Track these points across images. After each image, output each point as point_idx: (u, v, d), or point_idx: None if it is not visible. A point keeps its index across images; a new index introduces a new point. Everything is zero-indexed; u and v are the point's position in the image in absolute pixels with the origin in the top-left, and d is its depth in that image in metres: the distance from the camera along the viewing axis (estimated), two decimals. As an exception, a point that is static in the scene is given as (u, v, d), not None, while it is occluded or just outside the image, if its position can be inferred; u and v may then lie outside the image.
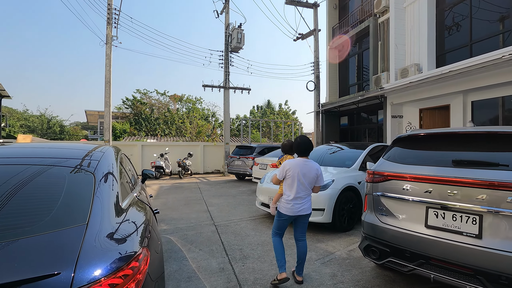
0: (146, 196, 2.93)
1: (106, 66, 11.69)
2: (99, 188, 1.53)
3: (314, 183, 2.99)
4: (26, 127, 37.06)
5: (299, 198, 2.91)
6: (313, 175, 2.95)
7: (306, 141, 3.09)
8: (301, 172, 2.89)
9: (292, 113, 30.36)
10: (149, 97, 28.22)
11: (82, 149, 2.17)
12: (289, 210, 2.92)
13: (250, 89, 14.43)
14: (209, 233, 4.56)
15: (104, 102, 11.73)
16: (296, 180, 2.89)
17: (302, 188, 2.90)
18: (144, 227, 1.58)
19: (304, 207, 2.94)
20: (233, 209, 6.34)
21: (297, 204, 2.91)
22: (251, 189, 9.27)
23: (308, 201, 2.99)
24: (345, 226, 4.65)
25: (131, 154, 13.05)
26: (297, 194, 2.89)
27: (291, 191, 2.91)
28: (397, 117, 10.99)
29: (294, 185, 2.89)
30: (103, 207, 1.41)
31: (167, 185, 10.35)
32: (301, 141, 3.08)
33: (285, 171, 2.96)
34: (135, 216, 1.65)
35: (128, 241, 1.31)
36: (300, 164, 2.93)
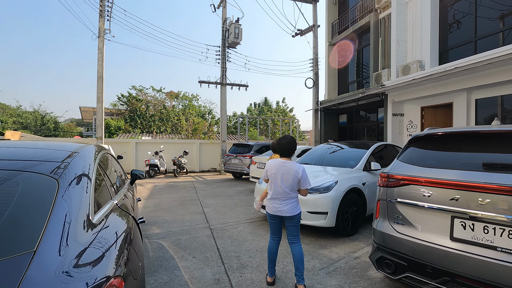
0: (132, 201, 2.61)
1: (98, 61, 11.27)
2: (61, 199, 1.22)
3: (295, 185, 2.78)
4: (19, 123, 36.37)
5: (277, 199, 2.81)
6: (291, 177, 2.75)
7: (285, 143, 2.89)
8: (279, 173, 2.79)
9: (290, 111, 30.05)
10: (144, 94, 27.74)
11: (54, 149, 1.85)
12: (269, 208, 2.88)
13: (248, 85, 14.10)
14: (204, 238, 4.26)
15: (97, 98, 11.32)
16: (273, 181, 2.82)
17: (280, 190, 2.78)
18: (119, 248, 1.27)
19: (283, 209, 2.78)
20: (230, 210, 6.03)
21: (275, 204, 2.82)
22: (248, 188, 8.98)
23: (289, 204, 2.77)
24: (349, 231, 4.38)
25: (124, 152, 12.67)
26: (274, 194, 2.82)
27: (270, 191, 2.88)
28: (398, 115, 10.75)
29: (272, 186, 2.85)
30: (64, 226, 1.10)
31: (161, 184, 10.01)
32: (279, 143, 2.93)
33: (266, 171, 2.94)
34: (109, 233, 1.33)
35: (93, 271, 1.00)
36: (278, 165, 2.81)
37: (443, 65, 8.11)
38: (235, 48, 13.87)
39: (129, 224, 1.70)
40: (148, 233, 4.49)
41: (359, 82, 14.24)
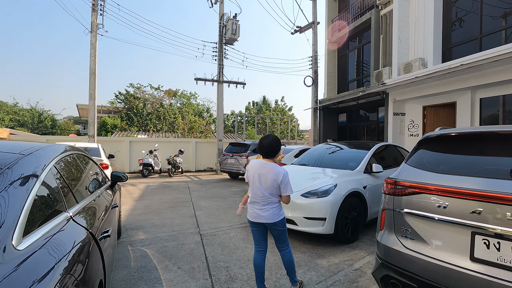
0: (104, 210, 2.29)
1: (91, 56, 10.92)
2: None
3: (275, 190, 2.49)
4: (15, 121, 35.98)
5: (256, 203, 2.56)
6: (270, 181, 2.47)
7: (266, 143, 2.58)
8: (257, 174, 2.53)
9: (289, 110, 29.74)
10: (142, 92, 27.37)
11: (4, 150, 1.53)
12: (249, 213, 2.63)
13: (245, 83, 13.77)
14: (193, 245, 3.94)
15: (89, 94, 10.98)
16: (252, 183, 2.57)
17: (258, 193, 2.53)
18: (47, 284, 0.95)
19: (263, 215, 2.51)
20: (223, 213, 5.72)
21: (255, 209, 2.56)
22: (244, 189, 8.66)
23: (270, 209, 2.51)
24: (348, 238, 4.07)
25: (118, 151, 12.33)
26: (253, 198, 2.58)
27: (250, 194, 2.63)
28: (399, 114, 10.45)
29: (251, 188, 2.59)
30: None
31: (154, 184, 9.69)
32: (260, 142, 2.62)
33: (247, 171, 2.69)
34: (35, 267, 1.00)
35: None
36: (258, 166, 2.56)
37: (447, 62, 7.80)
38: (232, 44, 13.53)
39: (81, 244, 1.38)
40: (133, 239, 4.18)
41: (359, 81, 13.93)
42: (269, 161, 2.54)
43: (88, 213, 1.81)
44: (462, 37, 8.70)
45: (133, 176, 11.59)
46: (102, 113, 43.71)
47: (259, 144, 2.59)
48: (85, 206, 1.86)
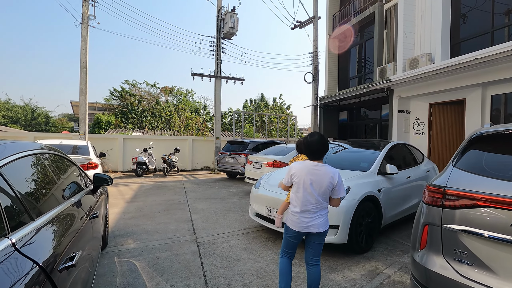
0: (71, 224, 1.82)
1: (81, 49, 10.37)
2: None
3: (328, 194, 2.23)
4: (8, 117, 35.15)
5: (307, 211, 2.22)
6: (325, 184, 2.19)
7: (317, 141, 2.24)
8: (309, 179, 2.19)
9: (287, 108, 29.31)
10: (138, 89, 26.76)
11: None
12: (295, 224, 2.25)
13: (244, 79, 13.30)
14: (188, 256, 3.49)
15: (79, 90, 10.44)
16: (302, 189, 2.21)
17: (310, 200, 2.20)
18: None
19: (314, 223, 2.22)
20: (222, 217, 5.28)
21: (305, 218, 2.23)
22: (243, 190, 8.22)
23: (321, 217, 2.25)
24: (363, 247, 3.65)
25: (111, 149, 11.81)
26: (303, 206, 2.22)
27: (297, 202, 2.25)
28: (404, 112, 10.07)
29: (300, 195, 2.23)
30: None
31: (148, 184, 9.20)
32: (307, 141, 2.26)
33: (290, 176, 2.31)
34: None
35: None
36: (308, 169, 2.21)
37: (457, 57, 7.41)
38: (230, 39, 13.04)
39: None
40: (121, 248, 3.72)
41: (361, 78, 13.54)
42: (319, 163, 2.22)
43: (45, 235, 1.35)
44: (472, 31, 8.31)
45: (126, 176, 11.09)
46: (97, 110, 43.00)
47: (306, 144, 2.25)
48: (44, 224, 1.40)
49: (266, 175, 4.73)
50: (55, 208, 1.64)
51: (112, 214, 5.38)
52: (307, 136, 2.29)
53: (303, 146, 2.31)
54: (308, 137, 2.28)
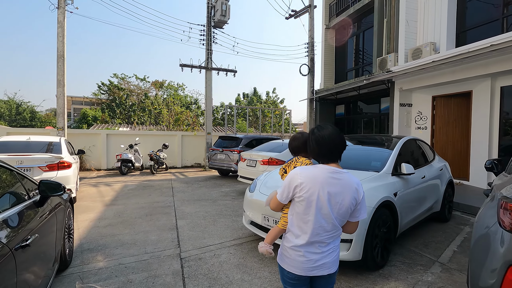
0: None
1: (58, 37, 9.48)
2: None
3: (348, 215, 1.49)
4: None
5: (318, 243, 1.46)
6: (348, 201, 1.45)
7: (332, 135, 1.49)
8: (326, 193, 1.42)
9: (280, 102, 28.67)
10: (127, 83, 25.68)
11: None
12: (298, 264, 1.47)
13: (236, 71, 12.57)
14: (169, 278, 2.86)
15: (57, 81, 9.57)
16: (315, 208, 1.43)
17: (325, 225, 1.45)
18: None
19: (326, 261, 1.48)
20: (212, 224, 4.64)
21: (313, 254, 1.46)
22: (236, 189, 7.60)
23: (335, 250, 1.52)
24: (378, 262, 3.08)
25: (93, 145, 11.01)
26: (314, 235, 1.45)
27: (304, 229, 1.47)
28: (406, 105, 9.55)
29: (310, 217, 1.45)
30: None
31: (133, 183, 8.48)
32: (321, 135, 1.50)
33: (292, 188, 1.48)
34: None
35: None
36: (325, 178, 1.44)
37: (467, 45, 6.87)
38: (222, 28, 12.27)
39: None
40: (87, 268, 3.05)
41: (358, 70, 12.98)
42: (337, 167, 1.48)
43: None
44: (480, 18, 7.78)
45: (110, 174, 10.33)
46: (84, 105, 41.58)
47: (316, 140, 1.50)
48: None
49: (262, 176, 4.10)
50: None
51: (85, 221, 4.69)
52: (315, 130, 1.55)
53: (311, 143, 1.53)
54: (316, 130, 1.54)
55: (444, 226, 4.71)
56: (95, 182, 8.64)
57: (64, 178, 5.30)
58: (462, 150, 8.43)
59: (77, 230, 4.25)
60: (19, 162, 4.99)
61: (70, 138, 9.64)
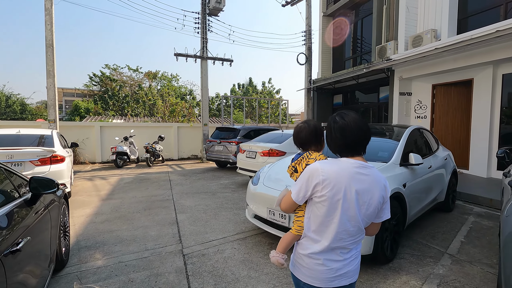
0: None
1: (46, 25, 9.06)
2: None
3: (375, 215, 1.32)
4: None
5: (340, 249, 1.29)
6: (376, 199, 1.28)
7: (357, 123, 1.30)
8: (354, 191, 1.25)
9: (276, 92, 28.39)
10: (120, 73, 25.07)
11: None
12: (315, 274, 1.29)
13: (232, 60, 12.28)
14: (172, 276, 2.73)
15: (46, 71, 9.20)
16: (340, 209, 1.24)
17: (349, 228, 1.27)
18: None
19: (348, 270, 1.30)
20: (213, 217, 4.52)
21: (334, 262, 1.28)
22: (235, 181, 7.47)
23: (357, 257, 1.35)
24: (388, 256, 2.99)
25: (87, 138, 10.73)
26: (336, 240, 1.27)
27: (324, 233, 1.28)
28: (406, 94, 9.43)
29: (334, 220, 1.26)
30: None
31: (129, 176, 8.29)
32: (344, 124, 1.30)
33: (312, 187, 1.27)
34: None
35: None
36: (351, 173, 1.26)
37: (469, 32, 6.72)
38: (217, 15, 11.89)
39: None
40: (85, 267, 2.90)
41: (356, 59, 12.79)
42: (363, 161, 1.30)
43: None
44: (481, 5, 7.61)
45: (105, 167, 10.10)
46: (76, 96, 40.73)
47: (340, 129, 1.29)
48: None
49: (266, 168, 3.96)
50: None
51: (81, 217, 4.53)
52: (337, 118, 1.33)
53: (334, 133, 1.31)
54: (339, 118, 1.32)
55: (448, 216, 4.66)
56: (90, 175, 8.42)
57: (58, 173, 5.09)
58: (462, 139, 8.39)
59: (73, 226, 4.09)
60: (9, 157, 4.76)
61: (62, 131, 9.34)
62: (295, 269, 1.38)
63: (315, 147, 1.62)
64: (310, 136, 1.61)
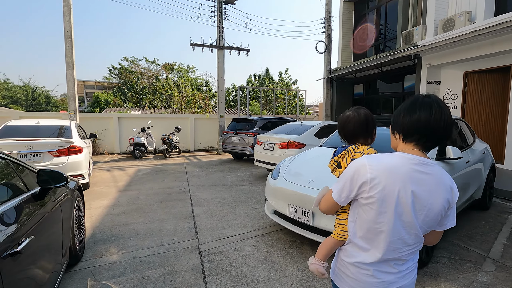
0: None
1: (64, 16, 9.10)
2: None
3: (437, 222, 1.07)
4: (8, 97, 34.44)
5: (394, 261, 1.07)
6: (440, 203, 1.02)
7: (439, 108, 1.01)
8: (410, 192, 1.00)
9: (293, 83, 27.78)
10: (137, 66, 25.33)
11: None
12: (363, 285, 1.09)
13: (249, 49, 11.96)
14: (188, 275, 2.58)
15: (66, 63, 9.28)
16: (393, 214, 1.00)
17: (405, 237, 1.03)
18: None
19: (403, 284, 1.08)
20: (230, 211, 4.35)
21: (386, 274, 1.07)
22: (252, 174, 7.29)
23: (413, 270, 1.13)
24: (423, 259, 2.71)
25: (106, 129, 10.85)
26: (389, 250, 1.04)
27: (373, 241, 1.06)
28: (434, 82, 8.82)
29: (385, 227, 1.02)
30: None
31: (146, 168, 8.30)
32: (413, 103, 1.06)
33: (358, 186, 1.05)
34: None
35: None
36: (408, 172, 1.01)
37: (510, 13, 6.08)
38: (233, 3, 11.56)
39: None
40: (100, 262, 2.81)
41: (378, 46, 12.13)
42: (424, 157, 1.04)
43: None
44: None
45: (124, 158, 10.21)
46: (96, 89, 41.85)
47: (410, 109, 1.05)
48: None
49: (286, 161, 3.72)
50: None
51: (98, 208, 4.49)
52: (415, 101, 1.06)
53: (402, 116, 1.07)
54: (411, 103, 1.06)
55: (485, 214, 4.26)
56: (108, 166, 8.51)
57: (75, 164, 5.09)
58: (496, 131, 7.76)
59: (90, 218, 4.05)
60: (28, 147, 4.79)
61: (82, 122, 9.48)
62: (338, 278, 1.18)
63: (364, 139, 1.37)
64: (360, 128, 1.37)
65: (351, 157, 1.32)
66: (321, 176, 3.09)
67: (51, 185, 1.93)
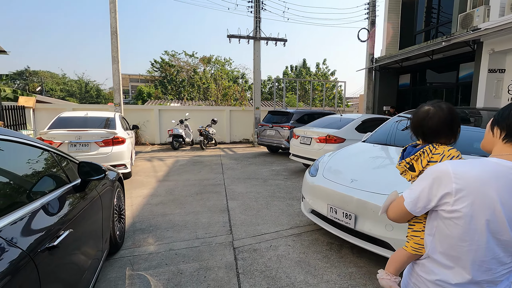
0: None
1: (110, 12, 9.57)
2: None
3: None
4: (65, 91, 38.12)
5: (487, 283, 0.86)
6: None
7: None
8: (507, 207, 0.79)
9: (331, 74, 26.70)
10: (177, 59, 26.23)
11: None
12: None
13: (286, 39, 11.61)
14: (222, 272, 2.53)
15: (111, 57, 9.81)
16: (486, 233, 0.81)
17: (502, 255, 0.84)
18: None
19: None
20: (265, 207, 4.25)
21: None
22: (287, 168, 7.11)
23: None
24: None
25: (147, 120, 11.37)
26: (481, 272, 0.85)
27: (459, 260, 0.87)
28: (497, 71, 7.79)
29: (475, 246, 0.83)
30: None
31: (184, 158, 8.53)
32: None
33: (439, 197, 0.87)
34: None
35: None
36: (506, 183, 0.80)
37: None
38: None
39: None
40: (138, 252, 2.88)
41: (429, 32, 11.04)
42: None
43: None
44: None
45: (163, 149, 10.63)
46: (140, 82, 44.33)
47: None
48: None
49: (325, 157, 3.50)
50: None
51: (138, 197, 4.67)
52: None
53: (500, 115, 0.92)
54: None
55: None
56: (149, 156, 8.90)
57: (119, 154, 5.35)
58: None
59: (130, 206, 4.22)
60: (77, 137, 5.12)
61: (126, 114, 10.01)
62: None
63: (446, 139, 1.13)
64: (443, 125, 1.12)
65: (428, 159, 1.09)
66: (364, 175, 2.83)
67: (91, 176, 1.96)
